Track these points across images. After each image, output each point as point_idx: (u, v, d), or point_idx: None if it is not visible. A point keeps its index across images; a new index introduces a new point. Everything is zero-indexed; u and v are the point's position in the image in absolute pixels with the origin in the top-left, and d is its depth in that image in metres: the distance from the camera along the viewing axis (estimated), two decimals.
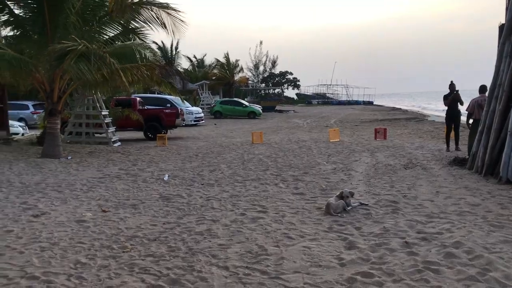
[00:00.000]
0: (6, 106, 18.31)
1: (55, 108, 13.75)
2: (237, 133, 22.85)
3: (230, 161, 12.31)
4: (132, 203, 7.53)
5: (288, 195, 7.98)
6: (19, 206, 7.30)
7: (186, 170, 10.91)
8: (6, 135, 17.48)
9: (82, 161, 12.76)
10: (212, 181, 9.41)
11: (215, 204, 7.36)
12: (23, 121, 24.82)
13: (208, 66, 59.44)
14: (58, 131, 13.91)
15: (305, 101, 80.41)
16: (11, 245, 5.35)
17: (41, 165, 11.76)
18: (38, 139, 16.62)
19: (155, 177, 10.01)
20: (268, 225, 6.10)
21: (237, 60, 58.81)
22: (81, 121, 17.56)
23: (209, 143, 17.92)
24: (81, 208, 7.22)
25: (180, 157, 13.54)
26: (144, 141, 19.17)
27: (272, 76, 77.39)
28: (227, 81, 55.11)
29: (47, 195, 8.18)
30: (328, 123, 30.52)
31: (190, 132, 23.60)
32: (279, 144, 16.56)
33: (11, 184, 9.12)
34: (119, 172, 10.73)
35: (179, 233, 5.79)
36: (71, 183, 9.35)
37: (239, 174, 10.19)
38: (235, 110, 39.06)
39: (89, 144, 16.93)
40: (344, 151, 13.87)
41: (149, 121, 20.05)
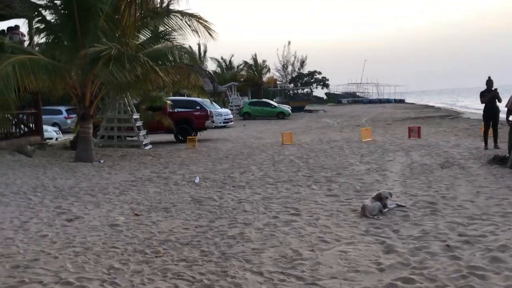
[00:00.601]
0: (40, 112, 18.73)
1: (87, 112, 13.94)
2: (267, 134, 22.74)
3: (260, 163, 12.20)
4: (164, 206, 7.51)
5: (321, 197, 7.81)
6: (53, 210, 7.37)
7: (217, 172, 10.86)
8: (40, 140, 17.85)
9: (115, 164, 12.88)
10: (243, 183, 9.32)
11: (247, 206, 7.26)
12: (56, 126, 25.40)
13: (236, 68, 59.58)
14: (90, 135, 14.10)
15: (335, 100, 79.65)
16: (46, 249, 5.38)
17: (75, 169, 11.92)
18: (71, 143, 16.89)
19: (186, 179, 9.99)
20: (302, 228, 5.95)
21: (265, 61, 58.78)
22: (113, 125, 17.80)
23: (239, 144, 17.87)
24: (114, 212, 7.24)
25: (210, 159, 13.52)
26: (175, 144, 19.27)
27: (301, 76, 76.95)
28: (256, 82, 55.12)
29: (80, 199, 8.25)
30: (360, 122, 30.07)
31: (220, 134, 23.63)
32: (309, 144, 16.35)
33: (46, 188, 9.25)
34: (150, 175, 10.76)
35: (212, 237, 5.71)
36: (104, 186, 9.42)
37: (270, 176, 10.06)
38: (264, 111, 38.96)
39: (121, 147, 17.12)
40: (378, 151, 13.56)
41: (179, 123, 20.15)
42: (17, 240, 5.75)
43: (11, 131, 17.21)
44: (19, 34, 16.68)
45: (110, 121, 17.80)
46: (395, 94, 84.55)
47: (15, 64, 11.33)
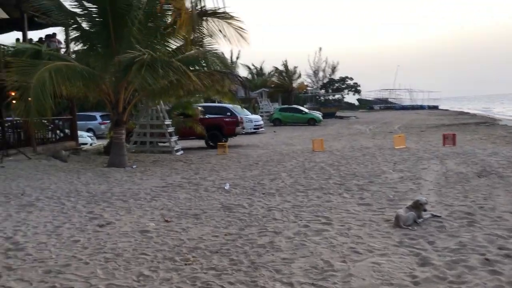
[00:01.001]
0: (75, 117, 19.19)
1: (121, 118, 14.17)
2: (297, 141, 22.59)
3: (290, 170, 12.09)
4: (194, 213, 7.50)
5: (353, 205, 7.64)
6: (85, 215, 7.47)
7: (247, 179, 10.81)
8: (75, 145, 18.28)
9: (146, 170, 13.02)
10: (273, 191, 9.23)
11: (277, 214, 7.17)
12: (91, 131, 25.98)
13: (266, 74, 59.63)
14: (123, 141, 14.32)
15: (367, 106, 78.61)
16: (77, 255, 5.43)
17: (107, 174, 12.10)
18: (105, 149, 17.21)
19: (216, 186, 9.98)
20: (333, 238, 5.82)
21: (296, 67, 58.59)
22: (145, 131, 18.04)
23: (269, 151, 17.80)
24: (145, 218, 7.27)
25: (241, 165, 13.49)
26: (205, 150, 19.37)
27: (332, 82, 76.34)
28: (286, 88, 54.99)
29: (112, 204, 8.34)
30: (392, 129, 29.53)
31: (250, 140, 23.63)
32: (341, 151, 16.13)
33: (79, 193, 9.40)
34: (181, 181, 10.81)
35: (241, 245, 5.65)
36: (135, 192, 9.51)
37: (301, 183, 9.94)
38: (294, 117, 38.80)
39: (153, 153, 17.32)
40: (411, 158, 13.23)
41: (210, 129, 20.26)
42: (50, 245, 5.83)
43: (47, 136, 17.70)
44: (56, 41, 17.19)
45: (142, 127, 18.05)
46: (429, 100, 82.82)
47: (51, 71, 11.63)
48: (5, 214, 7.55)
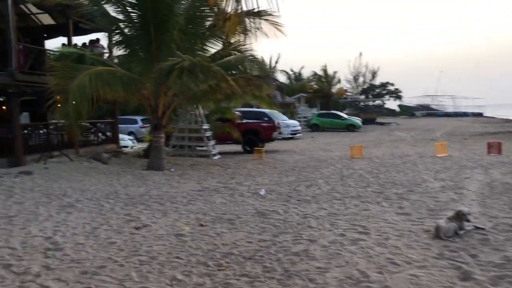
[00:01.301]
0: (116, 121, 19.67)
1: (160, 122, 14.38)
2: (335, 147, 22.31)
3: (328, 176, 11.92)
4: (228, 217, 7.49)
5: (391, 215, 7.43)
6: (123, 217, 7.58)
7: (282, 185, 10.73)
8: (116, 148, 18.72)
9: (184, 173, 13.15)
10: (309, 197, 9.11)
11: (313, 222, 7.05)
12: (132, 134, 26.52)
13: (305, 79, 59.36)
14: (162, 145, 14.53)
15: (408, 113, 76.95)
16: (113, 257, 5.50)
17: (146, 177, 12.29)
18: (144, 152, 17.52)
19: (252, 191, 9.95)
20: (370, 248, 5.66)
21: (335, 72, 58.05)
22: (184, 135, 18.26)
23: (306, 156, 17.64)
24: (180, 221, 7.31)
25: (277, 171, 13.42)
26: (242, 154, 19.40)
27: (372, 88, 75.11)
28: (325, 93, 54.55)
29: (149, 207, 8.44)
30: (434, 136, 28.73)
31: (287, 146, 23.51)
32: (380, 158, 15.79)
33: (118, 195, 9.57)
34: (217, 186, 10.84)
35: (275, 253, 5.57)
36: (172, 195, 9.60)
37: (338, 191, 9.77)
38: (333, 122, 38.40)
39: (191, 157, 17.50)
40: (454, 167, 12.79)
41: (247, 134, 20.29)
42: (87, 246, 5.94)
43: (89, 139, 18.22)
44: (100, 46, 17.68)
45: (181, 131, 18.28)
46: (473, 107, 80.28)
47: (91, 76, 11.94)
48: (47, 214, 7.76)
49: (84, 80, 11.74)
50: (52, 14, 17.91)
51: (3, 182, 10.46)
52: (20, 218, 7.48)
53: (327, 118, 39.25)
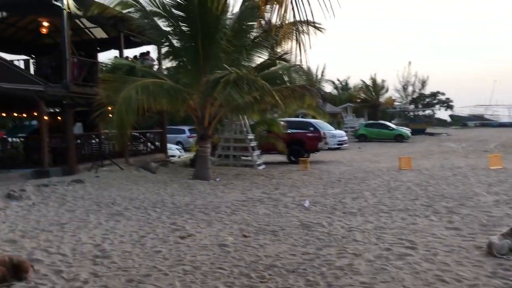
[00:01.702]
0: (165, 131, 20.14)
1: (206, 133, 14.61)
2: (383, 158, 21.84)
3: (374, 188, 11.67)
4: (272, 229, 7.46)
5: (440, 229, 7.16)
6: (168, 226, 7.72)
7: (328, 197, 10.59)
8: (164, 157, 19.15)
9: (229, 183, 13.25)
10: (354, 210, 8.94)
11: (358, 235, 6.91)
12: (180, 144, 27.06)
13: (352, 89, 58.64)
14: (208, 154, 14.73)
15: (460, 123, 74.33)
16: (158, 266, 5.60)
17: (192, 186, 12.48)
18: (191, 161, 17.81)
19: (296, 202, 9.88)
20: (417, 264, 5.47)
21: (384, 81, 57.03)
22: (229, 145, 18.42)
23: (352, 168, 17.36)
24: (224, 231, 7.36)
25: (322, 182, 13.27)
26: (287, 165, 19.34)
27: (422, 97, 73.18)
28: (373, 103, 53.63)
29: (194, 216, 8.55)
30: (488, 147, 27.55)
31: (333, 156, 23.24)
32: (430, 170, 15.30)
33: (164, 204, 9.77)
34: (261, 196, 10.85)
35: (318, 266, 5.50)
36: (217, 205, 9.68)
37: (385, 203, 9.54)
38: (381, 133, 37.64)
39: (236, 166, 17.61)
40: (509, 180, 12.21)
41: (292, 144, 20.22)
42: (133, 254, 6.08)
43: (139, 148, 18.74)
44: (150, 59, 18.20)
45: (227, 141, 18.46)
46: None
47: (139, 88, 12.31)
48: (96, 222, 8.02)
49: (131, 92, 12.13)
50: (105, 28, 18.64)
51: (57, 190, 10.91)
52: (71, 225, 7.78)
53: (374, 128, 38.53)
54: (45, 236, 7.04)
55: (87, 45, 18.97)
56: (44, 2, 13.18)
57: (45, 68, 15.40)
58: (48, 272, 5.39)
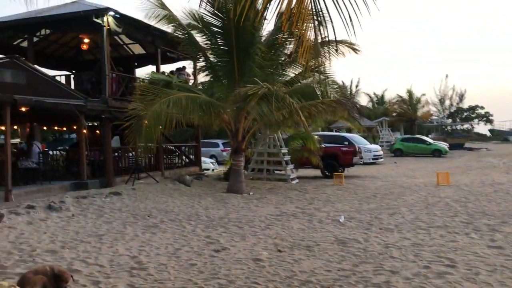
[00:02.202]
0: (199, 144, 20.38)
1: (240, 146, 14.69)
2: (420, 173, 21.35)
3: (411, 204, 11.41)
4: (307, 244, 7.39)
5: (482, 248, 6.92)
6: (203, 239, 7.76)
7: (363, 212, 10.42)
8: (198, 171, 19.34)
9: (262, 197, 13.23)
10: (391, 226, 8.76)
11: (395, 252, 6.76)
12: (213, 157, 27.29)
13: (388, 102, 57.87)
14: (242, 168, 14.79)
15: (500, 137, 72.01)
16: (193, 279, 5.63)
17: (226, 200, 12.53)
18: (224, 175, 17.91)
19: (331, 217, 9.76)
20: (457, 283, 5.30)
21: (421, 95, 56.02)
22: (262, 159, 18.43)
23: (388, 183, 17.04)
24: (258, 245, 7.34)
25: (357, 197, 13.08)
26: (321, 179, 19.18)
27: (460, 111, 71.48)
28: (409, 117, 52.71)
29: (228, 230, 8.57)
30: None
31: (368, 171, 22.90)
32: (469, 186, 14.86)
33: (199, 217, 9.84)
34: (295, 211, 10.78)
35: (355, 283, 5.40)
36: (250, 219, 9.68)
37: (422, 220, 9.30)
38: (417, 147, 36.84)
39: (269, 180, 17.58)
40: None
41: (327, 159, 20.05)
42: (169, 267, 6.14)
43: (174, 161, 19.01)
44: (185, 74, 18.54)
45: (260, 155, 18.48)
46: None
47: (170, 102, 12.54)
48: (133, 234, 8.15)
49: (162, 105, 12.37)
50: (143, 44, 19.15)
51: (95, 202, 11.15)
52: (109, 236, 7.93)
53: (411, 142, 37.75)
54: (84, 247, 7.20)
55: (125, 60, 19.52)
56: (86, 20, 13.66)
57: (85, 83, 15.90)
58: (87, 282, 5.50)
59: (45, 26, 15.62)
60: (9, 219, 8.77)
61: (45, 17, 14.11)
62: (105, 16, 14.10)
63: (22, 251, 6.86)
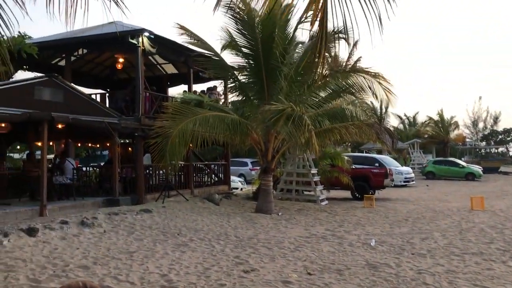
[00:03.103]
0: (228, 163, 20.47)
1: (269, 166, 14.70)
2: (453, 197, 20.83)
3: (444, 229, 11.12)
4: (337, 268, 7.28)
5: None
6: (232, 260, 7.75)
7: (395, 236, 10.22)
8: (227, 189, 19.40)
9: (291, 218, 13.15)
10: (423, 251, 8.55)
11: (428, 279, 6.58)
12: (242, 176, 27.35)
13: (419, 124, 56.96)
14: (271, 188, 14.77)
15: None
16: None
17: (255, 220, 12.50)
18: (253, 194, 17.91)
19: (361, 241, 9.61)
20: None
21: (453, 117, 54.98)
22: (291, 179, 18.36)
23: (420, 206, 16.68)
24: (288, 267, 7.28)
25: (388, 220, 12.85)
26: (351, 201, 18.94)
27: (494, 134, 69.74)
28: (441, 139, 51.69)
29: (257, 250, 8.54)
30: None
31: (399, 194, 22.48)
32: (505, 212, 14.38)
33: (228, 237, 9.83)
34: (325, 233, 10.66)
35: None
36: (279, 240, 9.62)
37: (456, 246, 9.05)
38: (450, 170, 36.01)
39: (298, 201, 17.48)
40: None
41: (357, 180, 19.82)
42: (198, 286, 6.15)
43: (203, 180, 19.13)
44: (216, 93, 18.79)
45: (289, 175, 18.43)
46: None
47: (197, 121, 12.72)
48: (163, 251, 8.21)
49: (188, 125, 12.57)
50: (176, 64, 19.54)
51: (126, 218, 11.30)
52: (139, 254, 8.00)
53: (443, 165, 36.94)
54: (115, 263, 7.29)
55: (158, 80, 19.94)
56: (121, 40, 14.04)
57: (119, 101, 16.27)
58: None
59: (82, 46, 16.14)
60: (44, 234, 8.96)
61: (83, 37, 14.58)
62: (140, 37, 14.49)
63: (56, 266, 7.00)
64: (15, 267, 6.79)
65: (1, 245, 7.96)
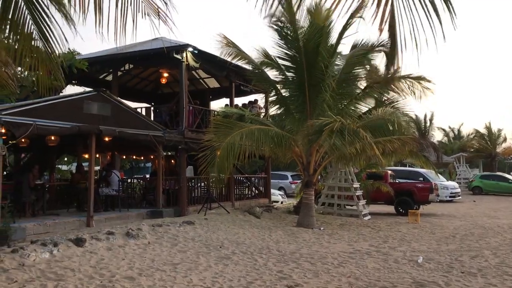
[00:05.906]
0: (269, 176, 20.46)
1: (311, 180, 14.60)
2: (503, 213, 19.99)
3: (495, 247, 10.66)
4: (383, 285, 7.10)
5: None
6: (275, 274, 7.69)
7: (442, 253, 9.87)
8: (268, 203, 19.36)
9: (334, 233, 12.96)
10: (474, 270, 8.21)
11: None
12: (282, 190, 27.25)
13: (465, 137, 55.17)
14: (312, 202, 14.65)
15: None
16: None
17: (296, 234, 12.40)
18: (294, 208, 17.78)
19: (407, 258, 9.34)
20: None
21: (500, 130, 52.99)
22: (333, 193, 18.14)
23: (468, 222, 16.09)
24: (332, 283, 7.16)
25: (435, 237, 12.45)
26: (395, 216, 18.49)
27: None
28: (488, 153, 49.87)
29: (300, 265, 8.44)
30: None
31: (445, 209, 21.78)
32: None
33: (270, 251, 9.78)
34: (369, 249, 10.43)
35: None
36: (323, 255, 9.48)
37: (509, 265, 8.64)
38: (498, 185, 34.60)
39: (340, 215, 17.24)
40: None
41: (401, 195, 19.38)
42: None
43: (244, 192, 19.20)
44: (257, 107, 18.92)
45: (331, 189, 18.22)
46: None
47: (243, 134, 12.82)
48: (206, 264, 8.25)
49: (235, 137, 12.67)
50: (218, 79, 19.83)
51: (169, 230, 11.45)
52: (183, 266, 8.07)
53: (491, 180, 35.55)
54: (160, 275, 7.37)
55: (201, 94, 20.27)
56: (166, 55, 14.38)
57: (164, 115, 16.62)
58: None
59: (128, 61, 16.63)
60: (91, 244, 9.19)
61: (130, 53, 15.03)
62: (184, 52, 14.81)
63: (102, 276, 7.15)
64: (64, 276, 6.98)
65: (51, 254, 8.21)
